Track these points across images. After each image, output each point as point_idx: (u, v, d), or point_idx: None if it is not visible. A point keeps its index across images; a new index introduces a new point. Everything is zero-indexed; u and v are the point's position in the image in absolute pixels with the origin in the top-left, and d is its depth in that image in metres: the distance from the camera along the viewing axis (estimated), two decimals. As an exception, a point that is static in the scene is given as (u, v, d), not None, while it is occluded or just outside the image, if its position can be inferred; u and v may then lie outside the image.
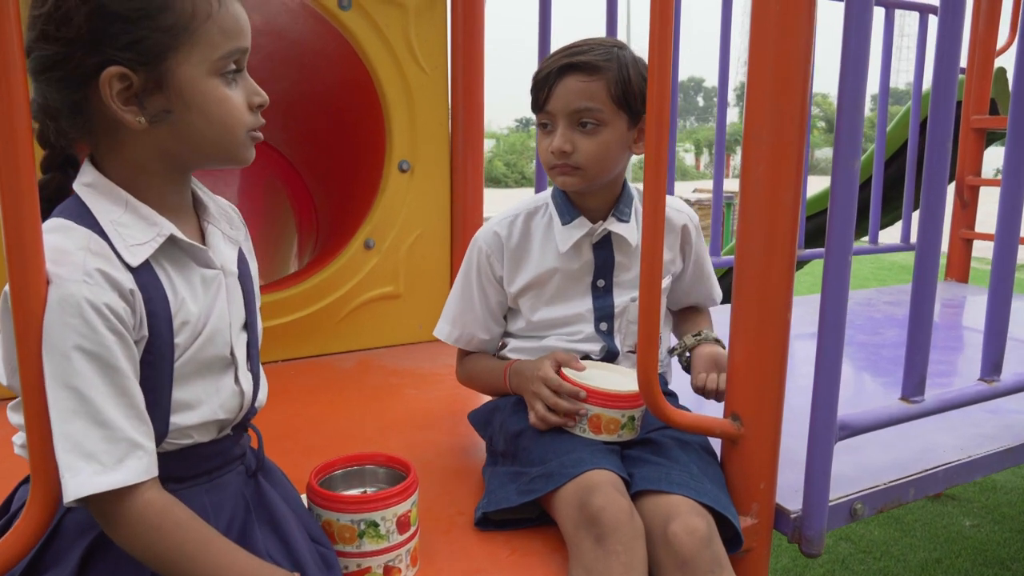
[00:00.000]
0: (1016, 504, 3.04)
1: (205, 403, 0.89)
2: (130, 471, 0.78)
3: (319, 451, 1.52)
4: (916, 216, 1.35)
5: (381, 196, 2.15)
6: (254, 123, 0.88)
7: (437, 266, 2.27)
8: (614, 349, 1.36)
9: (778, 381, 1.20)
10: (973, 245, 3.20)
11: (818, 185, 3.96)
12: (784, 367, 1.20)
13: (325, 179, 2.65)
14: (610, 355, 1.36)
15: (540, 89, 1.28)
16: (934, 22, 2.87)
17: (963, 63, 2.99)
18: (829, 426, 1.23)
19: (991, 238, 1.49)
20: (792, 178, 1.13)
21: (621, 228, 1.34)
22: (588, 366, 1.31)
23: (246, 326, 0.97)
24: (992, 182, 3.02)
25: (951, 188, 1.97)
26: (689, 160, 37.12)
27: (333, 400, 1.81)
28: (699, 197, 13.56)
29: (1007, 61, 3.35)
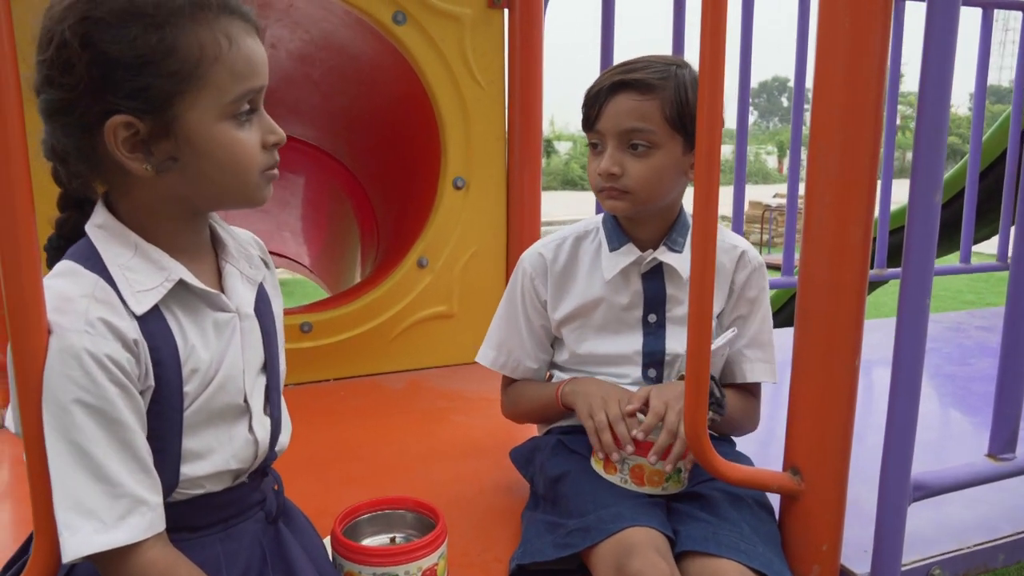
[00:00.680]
0: None
1: (217, 452, 0.86)
2: (132, 529, 0.75)
3: (358, 482, 1.49)
4: (1014, 233, 1.20)
5: (435, 213, 2.11)
6: (268, 162, 0.84)
7: (491, 285, 2.21)
8: None
9: (844, 432, 1.09)
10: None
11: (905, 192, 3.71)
12: (851, 417, 1.09)
13: (384, 194, 2.65)
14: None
15: (591, 106, 1.21)
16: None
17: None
18: (902, 486, 1.11)
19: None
20: (863, 211, 1.02)
21: (673, 258, 1.25)
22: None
23: (265, 367, 0.93)
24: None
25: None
26: (772, 163, 36.02)
27: (379, 425, 1.77)
28: (780, 203, 13.11)
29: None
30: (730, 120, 2.03)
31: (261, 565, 0.91)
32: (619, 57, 2.02)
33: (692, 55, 1.26)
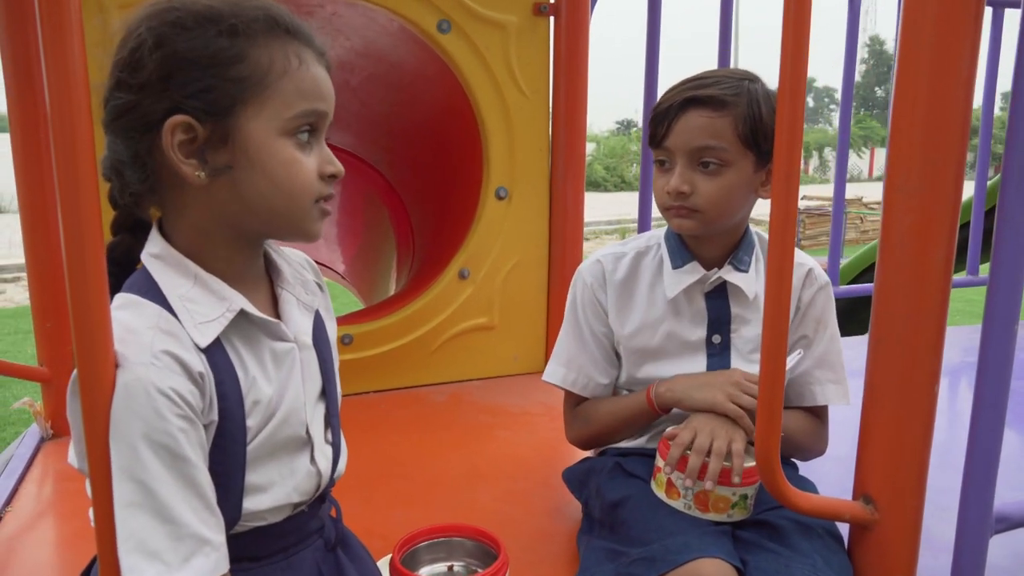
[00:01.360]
0: None
1: (278, 486, 0.83)
2: (196, 571, 0.72)
3: (405, 502, 1.46)
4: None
5: (477, 224, 2.08)
6: (322, 191, 0.81)
7: (534, 297, 2.18)
8: None
9: (921, 461, 1.04)
10: None
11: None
12: (928, 445, 1.04)
13: (422, 203, 2.62)
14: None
15: (659, 123, 1.17)
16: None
17: None
18: (983, 518, 1.06)
19: None
20: (946, 231, 0.97)
21: (738, 278, 1.21)
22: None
23: (323, 393, 0.90)
24: None
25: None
26: (798, 164, 35.56)
27: (423, 440, 1.75)
28: (806, 205, 12.93)
29: None
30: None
31: (321, 594, 0.89)
32: (663, 56, 1.98)
33: (741, 56, 1.22)
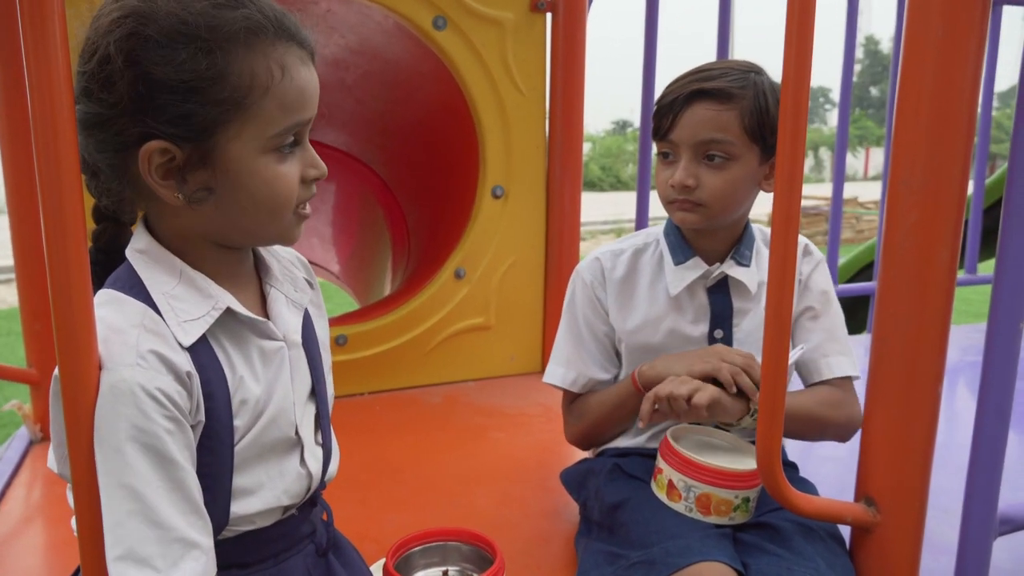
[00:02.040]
0: None
1: (267, 488, 0.81)
2: (185, 574, 0.70)
3: (399, 505, 1.44)
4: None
5: (473, 223, 2.06)
6: (303, 196, 0.79)
7: (530, 297, 2.16)
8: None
9: (924, 463, 1.02)
10: None
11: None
12: (932, 447, 1.02)
13: (418, 202, 2.60)
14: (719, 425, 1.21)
15: (664, 116, 1.15)
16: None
17: None
18: (987, 520, 1.04)
19: None
20: (951, 232, 0.95)
21: (740, 272, 1.19)
22: (697, 433, 1.17)
23: (313, 393, 0.88)
24: None
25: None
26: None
27: (418, 442, 1.72)
28: (803, 204, 12.95)
29: None
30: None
31: (313, 600, 0.87)
32: (660, 56, 1.96)
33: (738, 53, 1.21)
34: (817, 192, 14.76)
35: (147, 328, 0.71)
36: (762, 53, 1.18)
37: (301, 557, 0.88)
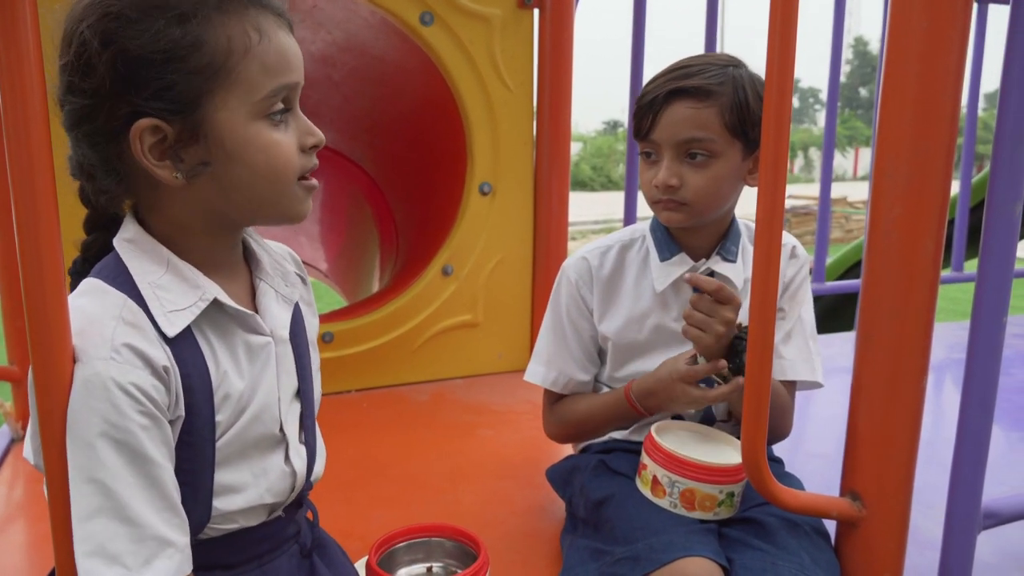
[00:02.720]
0: None
1: (251, 486, 0.79)
2: (158, 573, 0.69)
3: (386, 502, 1.43)
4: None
5: (461, 220, 2.05)
6: (306, 165, 0.78)
7: (518, 293, 2.16)
8: (711, 413, 1.21)
9: (908, 458, 1.02)
10: None
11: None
12: (916, 442, 1.02)
13: (405, 200, 2.59)
14: (707, 419, 1.21)
15: (644, 116, 1.14)
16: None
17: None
18: (971, 514, 1.04)
19: None
20: (935, 224, 0.95)
21: (726, 268, 1.19)
22: (681, 428, 1.16)
23: (299, 393, 0.87)
24: None
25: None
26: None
27: (405, 439, 1.71)
28: (792, 204, 13.00)
29: None
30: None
31: (296, 600, 0.86)
32: (649, 56, 1.96)
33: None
34: (806, 192, 14.82)
35: (125, 320, 0.70)
36: (750, 53, 1.17)
37: (285, 558, 0.87)
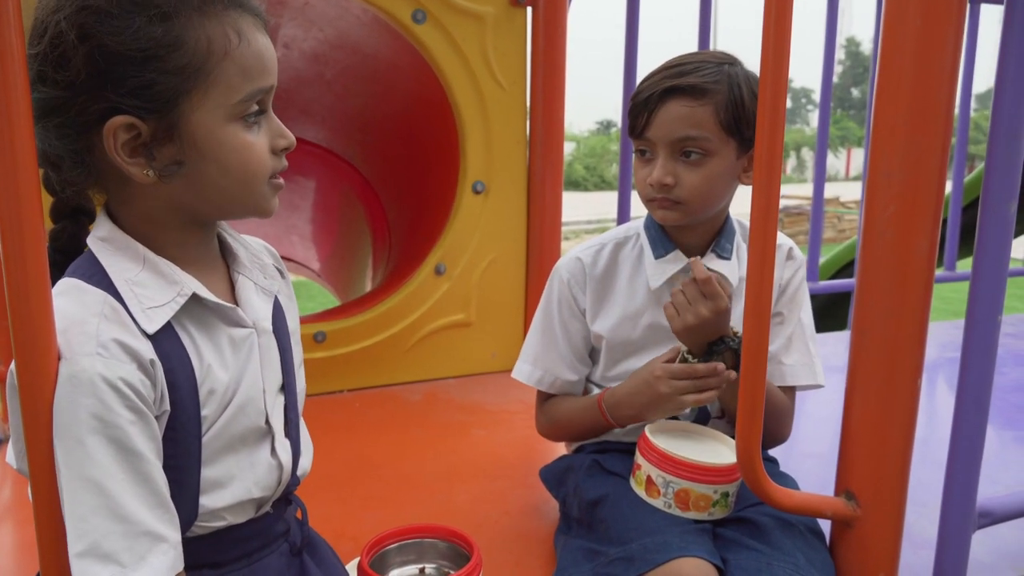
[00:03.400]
0: None
1: (238, 480, 0.79)
2: (153, 569, 0.68)
3: (378, 502, 1.42)
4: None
5: (454, 219, 2.04)
6: (276, 167, 0.78)
7: (511, 293, 2.15)
8: (705, 410, 1.20)
9: (903, 456, 1.02)
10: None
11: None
12: (911, 440, 1.02)
13: (398, 198, 2.58)
14: (701, 417, 1.20)
15: (639, 114, 1.13)
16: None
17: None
18: (966, 513, 1.04)
19: None
20: (930, 223, 0.95)
21: (721, 265, 1.18)
22: (676, 428, 1.16)
23: (283, 387, 0.86)
24: None
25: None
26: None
27: (397, 439, 1.70)
28: (785, 204, 13.05)
29: None
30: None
31: (285, 600, 0.85)
32: (642, 57, 1.96)
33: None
34: (799, 192, 14.86)
35: (108, 317, 0.69)
36: (743, 55, 1.17)
37: (275, 556, 0.86)
